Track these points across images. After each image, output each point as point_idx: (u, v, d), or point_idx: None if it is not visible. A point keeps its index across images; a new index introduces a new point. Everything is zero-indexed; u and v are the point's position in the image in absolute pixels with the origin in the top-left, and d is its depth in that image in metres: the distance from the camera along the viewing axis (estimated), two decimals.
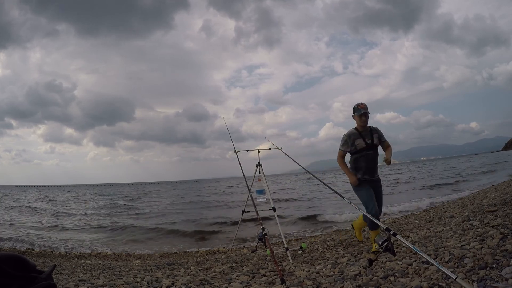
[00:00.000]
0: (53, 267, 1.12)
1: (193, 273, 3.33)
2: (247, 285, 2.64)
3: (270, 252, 2.77)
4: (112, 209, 15.79)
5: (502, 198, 5.17)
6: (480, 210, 4.25)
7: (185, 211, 13.81)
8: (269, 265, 3.35)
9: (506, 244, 2.34)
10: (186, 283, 2.80)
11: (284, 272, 2.91)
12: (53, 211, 15.00)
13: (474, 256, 2.28)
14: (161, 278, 3.10)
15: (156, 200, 21.26)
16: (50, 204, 19.91)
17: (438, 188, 14.03)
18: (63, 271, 3.70)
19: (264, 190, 4.43)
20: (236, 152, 4.49)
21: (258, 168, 4.48)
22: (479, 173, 19.52)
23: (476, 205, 5.40)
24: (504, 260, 2.08)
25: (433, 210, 7.27)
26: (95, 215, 13.52)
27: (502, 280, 1.84)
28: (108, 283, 2.94)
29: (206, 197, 21.45)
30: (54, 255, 6.14)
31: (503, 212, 3.63)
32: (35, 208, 16.89)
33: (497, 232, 2.69)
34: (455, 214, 4.91)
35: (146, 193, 30.79)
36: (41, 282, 1.00)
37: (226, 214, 11.47)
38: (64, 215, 13.54)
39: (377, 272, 2.45)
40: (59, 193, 38.17)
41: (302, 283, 2.43)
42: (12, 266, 0.96)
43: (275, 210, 4.16)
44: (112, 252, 6.54)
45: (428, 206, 8.80)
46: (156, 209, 15.30)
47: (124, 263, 4.83)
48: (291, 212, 10.64)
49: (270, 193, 4.37)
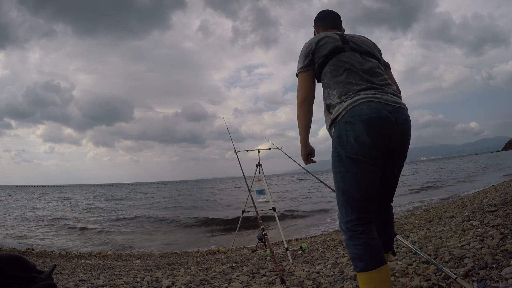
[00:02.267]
0: (53, 267, 1.12)
1: (193, 273, 3.33)
2: (247, 285, 2.64)
3: (270, 252, 2.77)
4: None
5: (502, 198, 5.17)
6: (480, 210, 4.25)
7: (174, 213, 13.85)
8: (269, 265, 3.35)
9: (506, 244, 2.34)
10: (186, 283, 2.80)
11: (284, 272, 2.91)
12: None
13: (474, 256, 2.28)
14: (161, 278, 3.10)
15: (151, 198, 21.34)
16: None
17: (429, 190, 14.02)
18: (63, 271, 3.70)
19: (264, 190, 4.44)
20: (236, 152, 4.49)
21: (258, 168, 4.48)
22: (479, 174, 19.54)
23: (476, 205, 5.39)
24: (504, 260, 2.08)
25: (433, 210, 7.27)
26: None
27: (502, 280, 1.84)
28: (108, 283, 2.94)
29: (204, 197, 21.48)
30: (54, 255, 6.13)
31: (503, 212, 3.63)
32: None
33: (497, 232, 2.69)
34: (455, 214, 4.91)
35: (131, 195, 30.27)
36: (41, 282, 1.00)
37: (226, 214, 11.47)
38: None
39: None
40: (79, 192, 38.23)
41: (302, 283, 2.43)
42: (12, 266, 0.96)
43: (275, 210, 4.16)
44: (112, 252, 6.55)
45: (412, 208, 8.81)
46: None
47: (124, 263, 4.83)
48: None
49: (270, 193, 4.37)
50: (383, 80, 1.52)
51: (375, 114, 1.37)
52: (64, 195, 33.55)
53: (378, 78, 1.51)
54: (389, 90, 1.48)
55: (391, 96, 1.45)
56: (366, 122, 1.36)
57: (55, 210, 16.59)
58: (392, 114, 1.39)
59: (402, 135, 1.45)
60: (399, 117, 1.42)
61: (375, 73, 1.51)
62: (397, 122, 1.40)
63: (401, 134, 1.44)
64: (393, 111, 1.40)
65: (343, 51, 1.54)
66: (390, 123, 1.38)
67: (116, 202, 21.60)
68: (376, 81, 1.49)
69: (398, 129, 1.41)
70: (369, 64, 1.54)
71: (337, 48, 1.55)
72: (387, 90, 1.47)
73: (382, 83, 1.50)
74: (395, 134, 1.41)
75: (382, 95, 1.43)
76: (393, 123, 1.39)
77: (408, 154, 1.54)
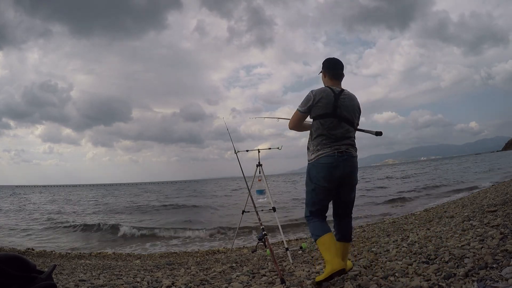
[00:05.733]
0: (53, 267, 1.12)
1: (193, 273, 3.33)
2: (247, 285, 2.64)
3: (270, 252, 2.77)
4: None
5: (502, 198, 5.18)
6: (480, 210, 4.25)
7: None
8: (269, 265, 3.35)
9: (506, 244, 2.35)
10: (186, 283, 2.80)
11: (284, 272, 2.91)
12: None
13: (474, 256, 2.28)
14: (161, 278, 3.10)
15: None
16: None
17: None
18: (63, 271, 3.70)
19: (264, 190, 4.43)
20: (236, 152, 4.49)
21: (258, 168, 4.48)
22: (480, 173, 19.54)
23: (476, 205, 5.40)
24: (504, 260, 2.08)
25: (433, 210, 7.27)
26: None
27: (502, 280, 1.84)
28: (108, 283, 2.94)
29: (202, 199, 21.47)
30: (54, 255, 6.14)
31: (503, 212, 3.63)
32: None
33: (497, 232, 2.70)
34: (455, 214, 4.91)
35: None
36: (41, 282, 1.00)
37: (225, 214, 11.48)
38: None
39: (377, 272, 2.45)
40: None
41: (302, 283, 2.43)
42: (12, 266, 0.96)
43: (275, 210, 4.16)
44: (112, 252, 6.55)
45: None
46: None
47: (124, 263, 4.83)
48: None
49: (270, 193, 4.37)
50: (345, 144, 2.32)
51: (329, 164, 2.27)
52: (62, 196, 33.62)
53: (342, 142, 2.31)
54: (346, 148, 2.30)
55: (345, 152, 2.29)
56: (323, 168, 2.29)
57: (54, 210, 16.63)
58: (341, 163, 2.26)
59: (347, 176, 2.31)
60: (346, 165, 2.28)
61: (342, 138, 2.32)
62: (344, 169, 2.27)
63: (347, 176, 2.30)
64: (342, 161, 2.27)
65: (329, 117, 2.31)
66: (338, 170, 2.26)
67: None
68: (340, 143, 2.30)
69: (345, 172, 2.29)
70: (341, 130, 2.32)
71: (326, 114, 2.32)
72: (344, 148, 2.29)
73: (345, 143, 2.31)
74: (342, 177, 2.28)
75: (339, 151, 2.28)
76: (341, 169, 2.27)
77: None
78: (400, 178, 25.49)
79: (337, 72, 2.45)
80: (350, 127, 2.37)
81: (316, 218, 2.38)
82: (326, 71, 2.47)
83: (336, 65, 2.46)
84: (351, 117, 2.36)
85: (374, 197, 13.42)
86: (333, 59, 2.49)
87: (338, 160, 2.26)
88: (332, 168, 2.26)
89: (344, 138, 2.33)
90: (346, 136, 2.34)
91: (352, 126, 2.38)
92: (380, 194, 14.53)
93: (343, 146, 2.31)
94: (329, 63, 2.47)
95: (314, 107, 2.34)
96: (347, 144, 2.33)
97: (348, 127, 2.35)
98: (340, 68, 2.46)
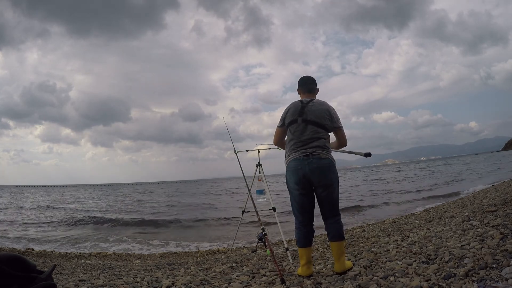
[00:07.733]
0: (53, 267, 1.12)
1: (193, 273, 3.33)
2: (247, 285, 2.64)
3: (270, 252, 2.77)
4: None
5: (502, 198, 5.17)
6: (480, 210, 4.24)
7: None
8: (269, 265, 3.35)
9: (506, 244, 2.34)
10: (186, 283, 2.80)
11: (284, 272, 2.91)
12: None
13: (474, 256, 2.28)
14: (161, 278, 3.10)
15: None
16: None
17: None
18: (63, 271, 3.70)
19: (264, 190, 4.43)
20: (236, 152, 4.49)
21: (258, 168, 4.48)
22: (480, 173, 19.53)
23: (476, 205, 5.40)
24: (504, 260, 2.08)
25: (433, 210, 7.27)
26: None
27: (502, 280, 1.84)
28: (108, 283, 2.94)
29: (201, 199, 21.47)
30: (54, 255, 6.14)
31: (503, 212, 3.63)
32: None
33: (497, 232, 2.69)
34: (455, 214, 4.91)
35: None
36: (41, 282, 1.00)
37: (225, 214, 11.47)
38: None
39: (377, 272, 2.45)
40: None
41: (302, 283, 2.43)
42: (12, 266, 0.96)
43: (275, 210, 4.16)
44: (112, 252, 6.55)
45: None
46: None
47: (124, 263, 4.83)
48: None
49: (270, 193, 4.37)
50: (313, 147, 2.45)
51: (294, 167, 2.47)
52: (62, 196, 33.60)
53: (310, 145, 2.46)
54: (312, 151, 2.44)
55: (312, 154, 2.43)
56: (292, 172, 2.49)
57: (55, 210, 16.64)
58: (306, 166, 2.42)
59: (315, 177, 2.43)
60: (312, 166, 2.42)
61: (311, 141, 2.47)
62: (308, 171, 2.42)
63: (314, 177, 2.43)
64: (307, 164, 2.42)
65: (295, 123, 2.53)
66: (302, 172, 2.44)
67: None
68: (307, 147, 2.46)
69: (310, 174, 2.42)
70: (309, 133, 2.48)
71: (292, 121, 2.55)
72: (311, 152, 2.44)
73: (312, 145, 2.45)
74: (308, 178, 2.44)
75: (304, 155, 2.44)
76: (304, 171, 2.43)
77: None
78: (400, 178, 25.50)
79: (307, 87, 2.73)
80: (319, 129, 2.50)
81: (303, 227, 2.60)
82: (299, 88, 2.77)
83: (306, 82, 2.75)
84: (319, 119, 2.50)
85: (374, 197, 13.42)
86: (303, 78, 2.77)
87: (303, 163, 2.43)
88: (297, 171, 2.45)
89: (312, 140, 2.47)
90: (314, 138, 2.47)
91: (322, 128, 2.51)
92: (380, 194, 14.54)
93: (309, 149, 2.45)
94: (300, 81, 2.78)
95: (286, 118, 2.60)
96: (314, 147, 2.46)
97: (316, 129, 2.49)
98: (309, 83, 2.74)
